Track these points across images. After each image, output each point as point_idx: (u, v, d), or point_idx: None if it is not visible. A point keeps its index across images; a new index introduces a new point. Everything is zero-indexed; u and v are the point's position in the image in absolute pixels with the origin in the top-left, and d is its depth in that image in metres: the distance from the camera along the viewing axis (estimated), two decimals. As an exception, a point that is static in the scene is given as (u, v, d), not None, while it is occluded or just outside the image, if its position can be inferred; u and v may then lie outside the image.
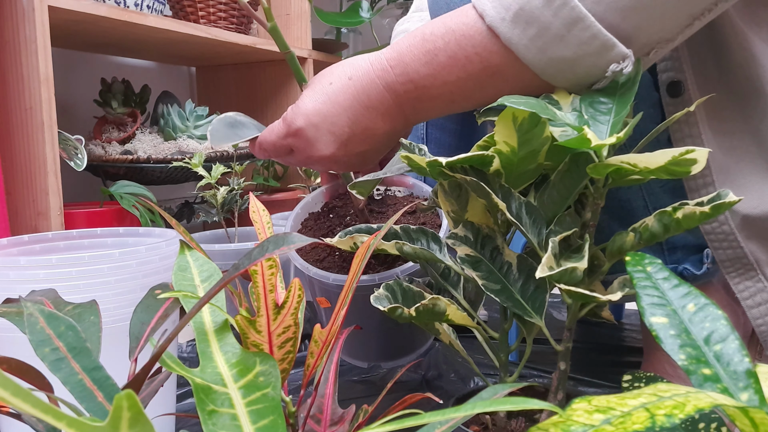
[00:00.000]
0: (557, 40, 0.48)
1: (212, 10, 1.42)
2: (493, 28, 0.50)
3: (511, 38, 0.49)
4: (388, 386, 0.46)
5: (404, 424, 0.22)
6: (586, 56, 0.48)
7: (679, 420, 0.21)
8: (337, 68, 0.59)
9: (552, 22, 0.47)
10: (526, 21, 0.48)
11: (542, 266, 0.43)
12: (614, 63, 0.49)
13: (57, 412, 0.20)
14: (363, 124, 0.57)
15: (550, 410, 0.35)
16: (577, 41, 0.48)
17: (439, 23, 0.54)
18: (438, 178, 0.55)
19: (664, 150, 0.42)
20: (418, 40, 0.54)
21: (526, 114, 0.48)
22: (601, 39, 0.47)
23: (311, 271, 0.71)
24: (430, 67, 0.53)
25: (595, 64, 0.49)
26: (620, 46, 0.48)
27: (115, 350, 0.47)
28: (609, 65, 0.49)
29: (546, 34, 0.48)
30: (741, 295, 0.59)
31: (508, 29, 0.49)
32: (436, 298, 0.50)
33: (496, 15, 0.49)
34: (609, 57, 0.48)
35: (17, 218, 1.04)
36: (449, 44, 0.52)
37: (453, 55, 0.52)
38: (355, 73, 0.57)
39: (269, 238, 0.35)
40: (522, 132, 0.49)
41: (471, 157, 0.49)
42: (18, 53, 1.00)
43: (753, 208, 0.57)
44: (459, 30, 0.52)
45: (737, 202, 0.42)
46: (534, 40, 0.48)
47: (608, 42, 0.47)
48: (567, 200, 0.51)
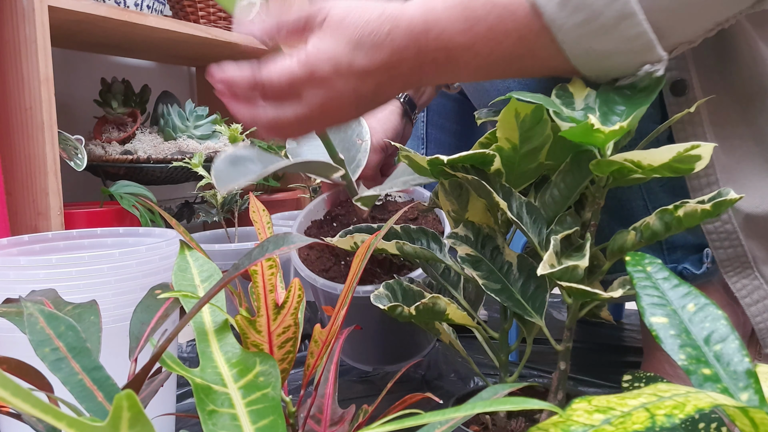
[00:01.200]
0: (602, 31, 0.47)
1: (212, 10, 1.42)
2: (539, 5, 0.48)
3: (555, 19, 0.48)
4: (388, 386, 0.46)
5: (404, 424, 0.22)
6: (625, 53, 0.48)
7: (679, 420, 0.21)
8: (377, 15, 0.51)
9: (603, 12, 0.46)
10: (575, 5, 0.47)
11: (543, 264, 0.43)
12: (648, 64, 0.49)
13: (57, 412, 0.20)
14: (385, 84, 0.53)
15: (550, 410, 0.35)
16: (621, 37, 0.47)
17: None
18: (439, 177, 0.55)
19: (669, 146, 0.42)
20: (457, 3, 0.51)
21: (529, 110, 0.48)
22: (645, 39, 0.47)
23: (318, 282, 0.71)
24: (466, 36, 0.51)
25: (630, 61, 0.49)
26: (659, 48, 0.47)
27: (115, 350, 0.47)
28: (643, 65, 0.49)
29: (593, 22, 0.47)
30: (739, 294, 0.59)
31: (554, 10, 0.48)
32: (436, 297, 0.50)
33: None
34: (646, 57, 0.48)
35: (17, 218, 1.04)
36: (490, 15, 0.50)
37: (491, 27, 0.50)
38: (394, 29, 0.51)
39: (269, 238, 0.35)
40: (524, 128, 0.49)
41: (472, 155, 0.49)
42: (18, 53, 1.00)
43: (755, 207, 0.57)
44: (501, 2, 0.50)
45: (738, 199, 0.42)
46: (578, 27, 0.47)
47: (651, 43, 0.47)
48: (568, 200, 0.51)
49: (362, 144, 0.77)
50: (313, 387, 0.46)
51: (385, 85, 0.52)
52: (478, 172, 0.51)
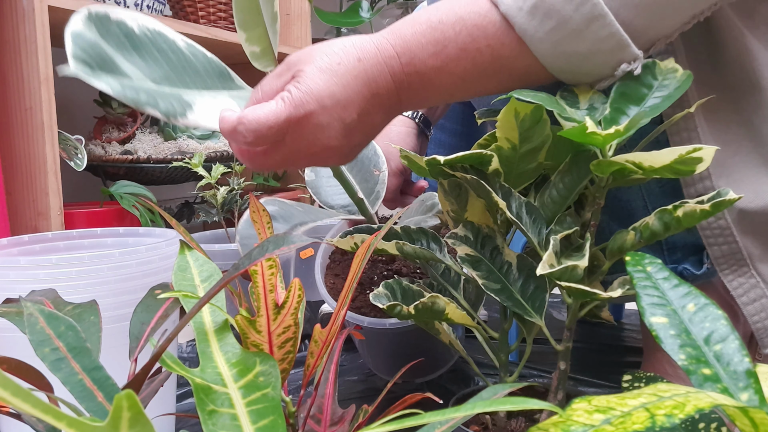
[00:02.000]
0: (574, 35, 0.48)
1: (212, 10, 1.42)
2: (509, 17, 0.49)
3: (527, 29, 0.48)
4: (388, 386, 0.46)
5: (404, 424, 0.22)
6: (599, 53, 0.49)
7: (679, 420, 0.21)
8: (340, 47, 0.51)
9: (572, 16, 0.47)
10: (544, 13, 0.48)
11: (543, 263, 0.43)
12: (625, 63, 0.49)
13: (57, 412, 0.20)
14: (368, 111, 0.52)
15: (550, 410, 0.35)
16: (593, 38, 0.48)
17: (447, 10, 0.51)
18: (437, 177, 0.55)
19: (671, 149, 0.42)
20: (425, 28, 0.51)
21: (528, 110, 0.48)
22: (617, 38, 0.48)
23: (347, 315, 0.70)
24: (438, 59, 0.51)
25: (605, 61, 0.49)
26: (633, 46, 0.48)
27: (115, 350, 0.47)
28: (619, 64, 0.49)
29: (564, 28, 0.48)
30: (735, 293, 0.59)
31: (524, 20, 0.48)
32: (436, 296, 0.50)
33: (512, 4, 0.48)
34: (621, 56, 0.49)
35: (17, 218, 1.04)
36: (460, 35, 0.50)
37: (463, 47, 0.50)
38: (364, 55, 0.51)
39: (269, 238, 0.35)
40: (523, 128, 0.49)
41: (470, 156, 0.49)
42: (18, 53, 1.00)
43: (749, 203, 0.57)
44: (471, 20, 0.50)
45: (737, 200, 0.42)
46: (550, 34, 0.48)
47: (623, 41, 0.48)
48: (567, 200, 0.51)
49: (380, 175, 0.76)
50: (313, 387, 0.46)
51: (369, 114, 0.52)
52: (477, 172, 0.51)
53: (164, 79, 0.46)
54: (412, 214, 0.69)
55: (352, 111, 0.51)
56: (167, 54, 0.48)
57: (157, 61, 0.47)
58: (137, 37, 0.46)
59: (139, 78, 0.44)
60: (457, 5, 0.51)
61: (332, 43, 0.52)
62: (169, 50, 0.49)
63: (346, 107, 0.50)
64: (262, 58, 0.57)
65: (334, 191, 0.77)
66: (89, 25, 0.44)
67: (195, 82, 0.50)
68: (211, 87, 0.51)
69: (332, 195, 0.76)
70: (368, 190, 0.75)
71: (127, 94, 0.42)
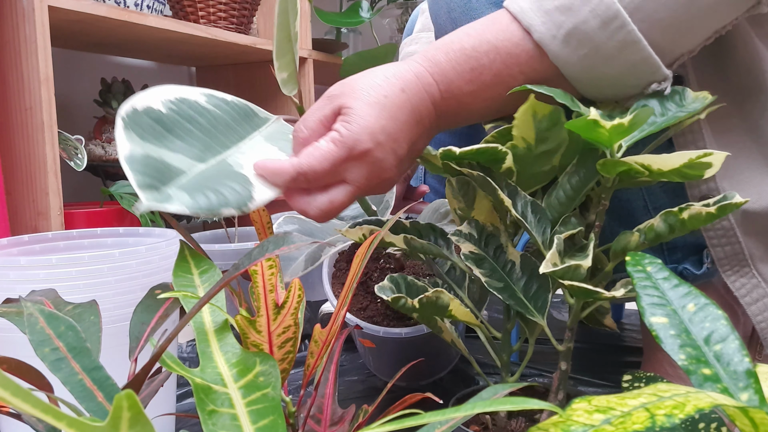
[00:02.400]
0: (606, 60, 0.49)
1: (212, 10, 1.42)
2: (543, 45, 0.49)
3: (559, 56, 0.49)
4: (388, 386, 0.46)
5: (404, 424, 0.22)
6: (630, 76, 0.50)
7: (679, 420, 0.21)
8: (382, 79, 0.51)
9: (606, 43, 0.48)
10: (579, 40, 0.48)
11: (546, 262, 0.43)
12: (655, 83, 0.50)
13: (57, 412, 0.20)
14: (415, 141, 0.53)
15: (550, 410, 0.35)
16: (626, 63, 0.49)
17: (478, 37, 0.52)
18: (446, 174, 0.55)
19: (680, 152, 0.42)
20: (459, 56, 0.52)
21: (547, 111, 0.48)
22: (650, 62, 0.49)
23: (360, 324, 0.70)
24: (474, 85, 0.52)
25: (636, 84, 0.50)
26: (663, 68, 0.49)
27: (115, 350, 0.47)
28: (649, 84, 0.50)
29: (597, 54, 0.49)
30: (738, 293, 0.59)
31: (558, 47, 0.49)
32: (440, 291, 0.50)
33: (546, 32, 0.49)
34: (652, 78, 0.50)
35: (17, 218, 1.04)
36: (494, 62, 0.51)
37: (498, 74, 0.51)
38: (407, 86, 0.51)
39: (269, 238, 0.35)
40: (540, 129, 0.49)
41: (485, 149, 0.49)
42: (18, 53, 1.00)
43: (752, 203, 0.57)
44: (504, 48, 0.51)
45: (744, 203, 0.42)
46: (583, 60, 0.49)
47: (655, 65, 0.49)
48: (574, 201, 0.51)
49: None
50: (313, 387, 0.46)
51: (416, 143, 0.53)
52: (484, 169, 0.51)
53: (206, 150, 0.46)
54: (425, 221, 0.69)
55: (402, 143, 0.51)
56: (196, 121, 0.48)
57: (192, 134, 0.46)
58: (166, 116, 0.46)
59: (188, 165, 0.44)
60: (488, 32, 0.52)
61: (373, 75, 0.52)
62: (197, 114, 0.48)
63: (396, 140, 0.51)
64: (288, 83, 0.57)
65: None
66: (130, 135, 0.42)
67: (229, 138, 0.50)
68: (243, 135, 0.51)
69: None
70: (376, 200, 0.75)
71: (201, 204, 0.41)
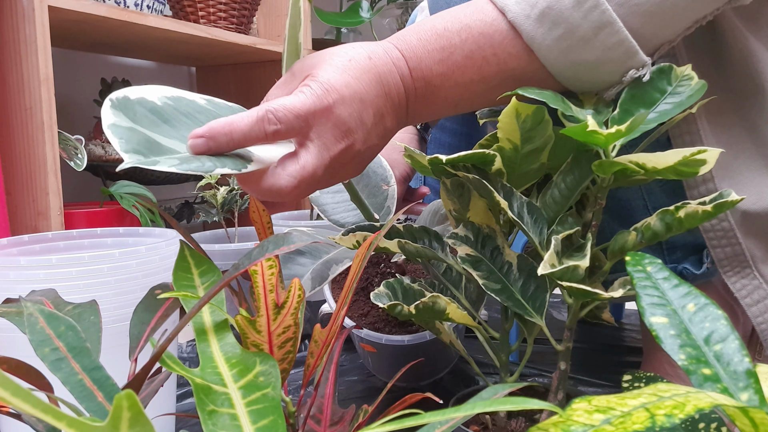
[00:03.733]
0: (582, 43, 0.48)
1: (212, 10, 1.42)
2: (516, 25, 0.48)
3: (534, 37, 0.48)
4: (388, 386, 0.46)
5: (404, 424, 0.22)
6: (608, 61, 0.49)
7: (679, 420, 0.21)
8: (348, 48, 0.49)
9: (580, 24, 0.47)
10: (552, 20, 0.47)
11: (544, 263, 0.43)
12: (633, 69, 0.49)
13: (57, 412, 0.20)
14: (382, 113, 0.49)
15: (550, 410, 0.35)
16: (602, 46, 0.48)
17: (452, 18, 0.50)
18: (440, 176, 0.55)
19: (675, 150, 0.42)
20: (431, 35, 0.50)
21: (530, 111, 0.48)
22: (626, 45, 0.47)
23: (362, 332, 0.70)
24: (444, 66, 0.50)
25: (614, 69, 0.49)
26: (641, 53, 0.48)
27: (115, 350, 0.47)
28: (628, 71, 0.49)
29: (572, 36, 0.47)
30: (739, 294, 0.59)
31: (532, 27, 0.48)
32: (436, 296, 0.50)
33: (520, 11, 0.48)
34: (629, 64, 0.49)
35: (17, 218, 1.04)
36: (466, 42, 0.49)
37: (469, 55, 0.50)
38: (374, 54, 0.49)
39: (269, 238, 0.35)
40: (525, 129, 0.49)
41: (472, 155, 0.49)
42: (18, 53, 1.00)
43: (752, 204, 0.57)
44: (476, 27, 0.49)
45: (739, 201, 0.42)
46: (558, 42, 0.48)
47: (632, 49, 0.48)
48: (569, 200, 0.51)
49: (389, 189, 0.75)
50: (313, 387, 0.46)
51: (383, 116, 0.50)
52: (479, 171, 0.51)
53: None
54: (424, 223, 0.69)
55: (369, 107, 0.48)
56: (194, 116, 0.48)
57: (189, 126, 0.46)
58: (161, 109, 0.46)
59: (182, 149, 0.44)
60: (462, 13, 0.51)
61: (339, 47, 0.50)
62: (195, 111, 0.48)
63: (363, 101, 0.48)
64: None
65: (343, 208, 0.76)
66: (117, 113, 0.43)
67: None
68: None
69: (340, 213, 0.75)
70: (377, 205, 0.74)
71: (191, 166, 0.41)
